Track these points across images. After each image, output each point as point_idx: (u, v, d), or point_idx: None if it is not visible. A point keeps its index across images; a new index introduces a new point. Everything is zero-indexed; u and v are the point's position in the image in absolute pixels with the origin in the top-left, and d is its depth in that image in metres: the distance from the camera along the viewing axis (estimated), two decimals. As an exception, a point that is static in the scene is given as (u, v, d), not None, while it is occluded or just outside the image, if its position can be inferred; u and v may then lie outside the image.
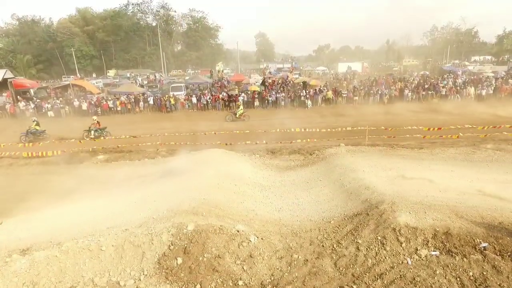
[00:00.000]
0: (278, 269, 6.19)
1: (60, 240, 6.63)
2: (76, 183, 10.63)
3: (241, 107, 22.23)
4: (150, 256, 6.26)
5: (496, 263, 5.58)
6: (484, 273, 5.49)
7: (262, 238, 6.78)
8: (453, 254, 5.88)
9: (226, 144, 14.09)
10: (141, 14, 76.54)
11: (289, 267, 6.20)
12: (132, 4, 75.00)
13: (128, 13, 75.13)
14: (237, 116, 21.36)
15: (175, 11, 77.21)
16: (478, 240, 6.04)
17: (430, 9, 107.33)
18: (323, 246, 6.66)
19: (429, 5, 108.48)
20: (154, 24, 74.78)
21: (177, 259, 6.14)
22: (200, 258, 6.12)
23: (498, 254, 5.76)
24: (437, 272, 5.61)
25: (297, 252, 6.54)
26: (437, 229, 6.36)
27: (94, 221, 7.78)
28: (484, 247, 5.90)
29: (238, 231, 6.76)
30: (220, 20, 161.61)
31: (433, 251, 6.03)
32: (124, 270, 6.10)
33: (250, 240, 6.60)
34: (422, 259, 5.92)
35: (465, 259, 5.76)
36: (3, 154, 14.38)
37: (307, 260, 6.30)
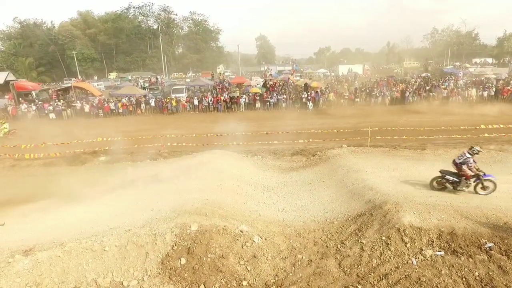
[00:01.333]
0: (282, 269, 6.16)
1: (63, 241, 6.61)
2: (78, 184, 10.61)
3: (5, 125, 18.81)
4: (153, 256, 6.24)
5: (502, 263, 5.55)
6: (490, 273, 5.46)
7: (265, 239, 6.75)
8: (459, 254, 5.85)
9: (228, 144, 14.08)
10: (142, 17, 76.94)
11: (293, 268, 6.17)
12: (134, 7, 75.42)
13: (129, 16, 75.43)
14: (1, 135, 18.19)
15: (176, 14, 77.64)
16: (484, 240, 6.02)
17: (431, 11, 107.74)
18: (327, 246, 6.63)
19: (430, 8, 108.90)
20: (155, 27, 75.04)
21: (180, 260, 6.12)
22: (204, 259, 6.10)
23: (503, 254, 5.73)
24: (443, 272, 5.58)
25: (301, 253, 6.51)
26: (442, 229, 6.33)
27: (97, 221, 7.76)
28: (489, 247, 5.87)
29: (241, 232, 6.74)
30: (221, 23, 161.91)
31: (438, 251, 6.01)
32: (127, 270, 6.08)
33: (253, 241, 6.57)
34: (427, 259, 5.89)
35: (470, 259, 5.73)
36: (6, 155, 14.38)
37: (311, 261, 6.27)
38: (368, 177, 9.31)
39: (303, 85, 31.16)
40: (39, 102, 26.83)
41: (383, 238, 6.36)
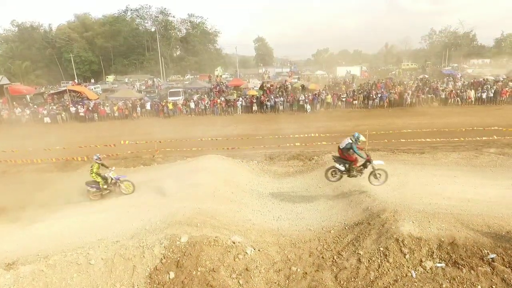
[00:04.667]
0: (275, 283, 5.88)
1: (48, 253, 6.34)
2: (68, 191, 10.34)
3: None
4: (141, 270, 5.96)
5: (505, 276, 5.28)
6: (493, 286, 5.19)
7: (259, 250, 6.48)
8: (460, 266, 5.58)
9: (224, 148, 13.83)
10: (140, 20, 76.64)
11: (287, 281, 5.90)
12: (131, 10, 75.10)
13: (127, 19, 75.19)
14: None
15: (173, 17, 77.37)
16: (486, 251, 5.74)
17: (428, 12, 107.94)
18: (323, 257, 6.36)
19: (427, 9, 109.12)
20: (153, 29, 74.72)
21: (169, 273, 5.84)
22: (194, 272, 5.82)
23: (507, 266, 5.46)
24: (444, 285, 5.31)
25: (296, 265, 6.24)
26: (442, 239, 6.07)
27: (84, 232, 7.48)
28: (492, 258, 5.60)
29: (234, 243, 6.47)
30: (219, 25, 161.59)
31: (439, 262, 5.74)
32: (113, 285, 5.80)
33: (246, 252, 6.30)
34: (427, 272, 5.62)
35: (472, 272, 5.46)
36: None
37: (306, 273, 6.00)
38: (365, 183, 9.04)
39: (300, 87, 30.97)
40: (34, 106, 26.50)
41: (381, 249, 6.09)
